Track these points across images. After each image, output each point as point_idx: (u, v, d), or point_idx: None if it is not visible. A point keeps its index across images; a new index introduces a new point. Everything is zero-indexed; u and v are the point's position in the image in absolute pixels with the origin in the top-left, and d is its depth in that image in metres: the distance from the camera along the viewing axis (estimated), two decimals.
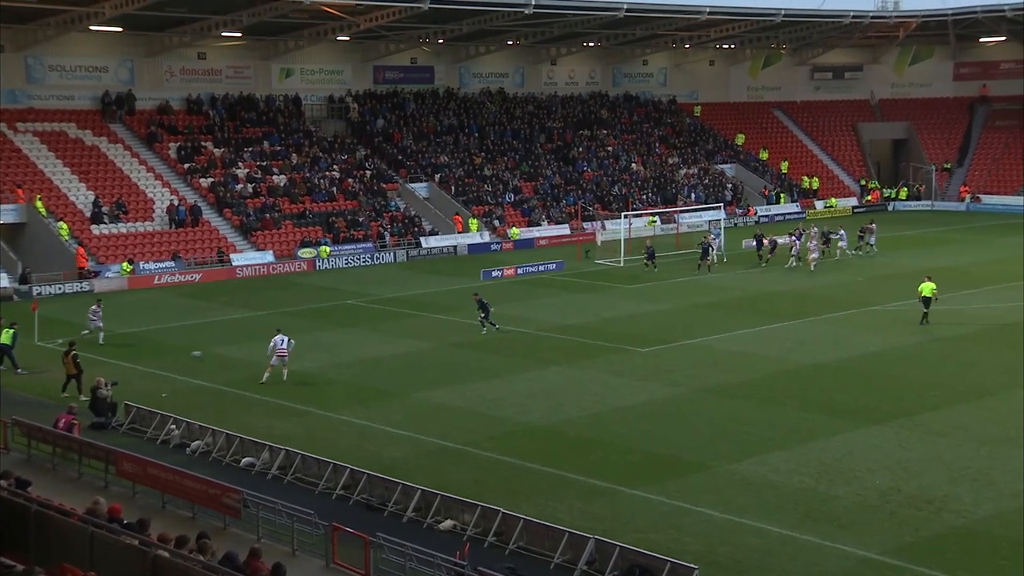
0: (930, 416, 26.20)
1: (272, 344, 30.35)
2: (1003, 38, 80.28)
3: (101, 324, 35.62)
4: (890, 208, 75.24)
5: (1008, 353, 32.61)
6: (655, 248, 50.52)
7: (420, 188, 62.76)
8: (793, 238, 50.54)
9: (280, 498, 19.71)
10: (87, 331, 35.58)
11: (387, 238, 57.21)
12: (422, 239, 57.98)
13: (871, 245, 53.28)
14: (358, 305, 42.71)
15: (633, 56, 79.05)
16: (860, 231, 54.23)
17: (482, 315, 36.24)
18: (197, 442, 24.73)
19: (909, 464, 22.96)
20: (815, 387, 29.29)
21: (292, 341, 30.63)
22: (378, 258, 55.00)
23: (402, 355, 33.53)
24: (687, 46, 78.90)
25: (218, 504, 19.55)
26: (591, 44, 75.51)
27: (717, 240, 51.86)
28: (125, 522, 14.72)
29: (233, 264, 51.77)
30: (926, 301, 36.17)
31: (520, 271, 49.67)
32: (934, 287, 36.54)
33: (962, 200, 75.22)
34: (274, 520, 19.26)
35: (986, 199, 74.44)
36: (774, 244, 51.07)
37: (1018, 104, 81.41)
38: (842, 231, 52.84)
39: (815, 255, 48.71)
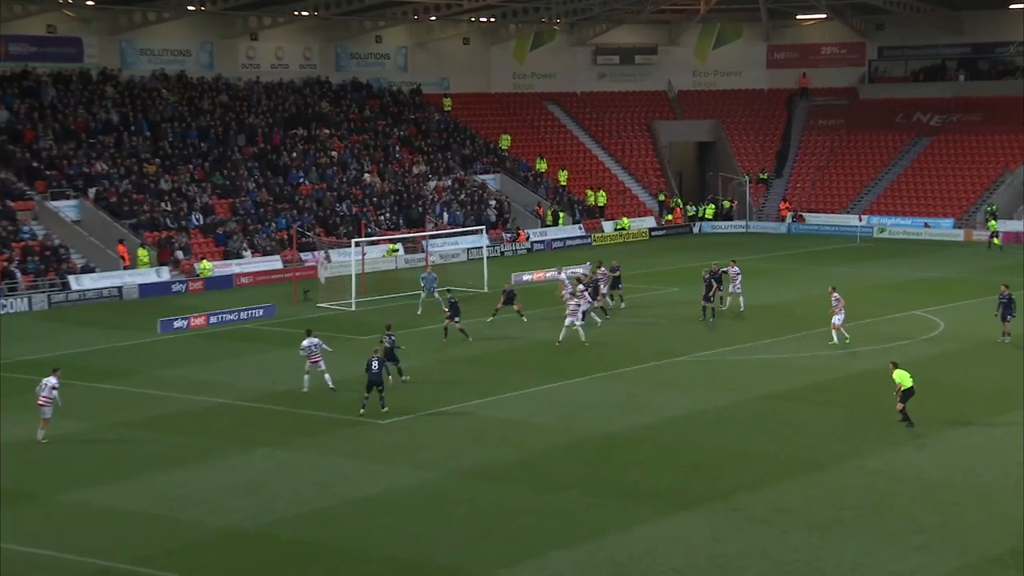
0: (749, 497, 27.51)
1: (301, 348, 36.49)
2: (823, 16, 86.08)
3: None
4: (695, 230, 78.80)
5: (840, 413, 34.73)
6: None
7: (67, 207, 61.01)
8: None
9: None
10: None
11: (19, 277, 55.08)
12: (71, 278, 56.39)
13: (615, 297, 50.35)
14: None
15: (362, 31, 79.89)
16: (610, 273, 50.17)
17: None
18: None
19: (725, 560, 24.01)
20: (606, 464, 30.20)
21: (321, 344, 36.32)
22: (7, 306, 52.86)
23: (45, 441, 32.23)
24: (432, 18, 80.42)
25: None
26: (304, 13, 75.61)
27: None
28: None
29: None
30: (906, 394, 32.40)
31: (214, 320, 49.02)
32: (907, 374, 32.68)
33: (782, 219, 79.73)
34: None
35: (810, 218, 79.26)
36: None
37: (843, 98, 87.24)
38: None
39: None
